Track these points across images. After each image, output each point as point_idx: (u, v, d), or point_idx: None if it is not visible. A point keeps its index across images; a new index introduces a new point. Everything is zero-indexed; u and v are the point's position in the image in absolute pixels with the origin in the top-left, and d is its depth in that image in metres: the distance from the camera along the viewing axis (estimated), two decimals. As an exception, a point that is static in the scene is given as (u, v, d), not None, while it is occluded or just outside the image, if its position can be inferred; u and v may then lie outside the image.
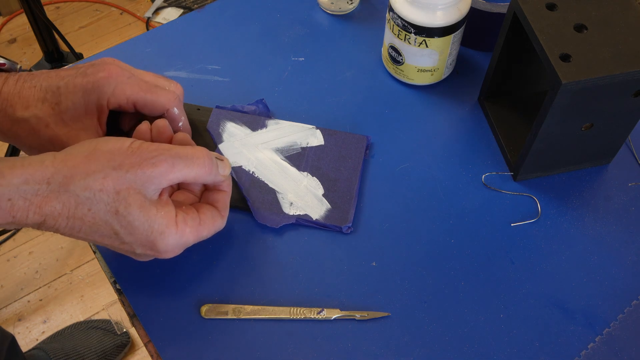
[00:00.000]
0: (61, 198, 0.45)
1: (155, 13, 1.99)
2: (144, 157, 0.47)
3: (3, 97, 0.53)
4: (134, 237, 0.48)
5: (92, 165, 0.46)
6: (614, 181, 0.65)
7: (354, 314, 0.56)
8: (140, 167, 0.47)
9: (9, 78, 0.54)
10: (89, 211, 0.46)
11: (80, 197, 0.46)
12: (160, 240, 0.49)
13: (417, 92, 0.71)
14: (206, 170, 0.50)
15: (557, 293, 0.58)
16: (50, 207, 0.45)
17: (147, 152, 0.48)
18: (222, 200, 0.55)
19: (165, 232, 0.49)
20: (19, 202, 0.44)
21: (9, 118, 0.54)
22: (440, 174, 0.65)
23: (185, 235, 0.50)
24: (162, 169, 0.47)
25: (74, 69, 0.55)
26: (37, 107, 0.54)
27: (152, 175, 0.47)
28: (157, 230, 0.48)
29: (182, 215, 0.50)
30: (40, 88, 0.54)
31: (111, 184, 0.46)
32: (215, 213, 0.53)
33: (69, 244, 1.53)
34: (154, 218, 0.48)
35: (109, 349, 1.32)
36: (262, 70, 0.73)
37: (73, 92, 0.54)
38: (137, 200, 0.47)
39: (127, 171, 0.46)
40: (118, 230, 0.47)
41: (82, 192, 0.45)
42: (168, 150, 0.49)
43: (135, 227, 0.47)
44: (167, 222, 0.49)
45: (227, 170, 0.54)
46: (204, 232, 0.52)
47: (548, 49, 0.54)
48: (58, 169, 0.45)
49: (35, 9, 1.39)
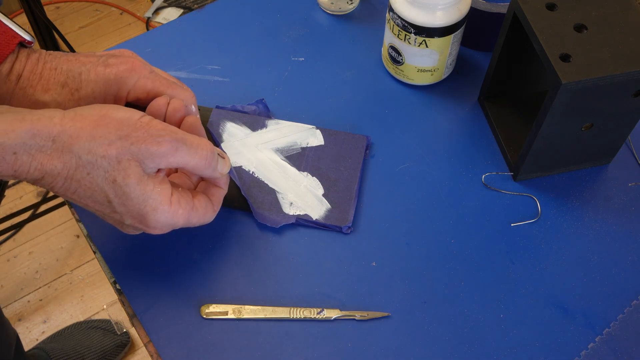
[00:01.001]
0: (63, 157, 0.46)
1: (155, 13, 1.99)
2: (150, 133, 0.47)
3: (25, 77, 0.53)
4: (126, 207, 0.48)
5: (99, 130, 0.46)
6: (614, 181, 0.65)
7: (354, 314, 0.56)
8: (145, 142, 0.47)
9: (31, 55, 0.54)
10: (88, 175, 0.46)
11: (82, 159, 0.46)
12: (152, 215, 0.49)
13: (417, 92, 0.72)
14: (206, 163, 0.51)
15: (557, 293, 0.58)
16: (51, 165, 0.45)
17: (155, 130, 0.48)
18: (217, 195, 0.55)
19: (158, 208, 0.49)
20: (23, 156, 0.44)
21: (29, 99, 0.53)
22: (440, 174, 0.65)
23: (176, 216, 0.50)
24: (165, 149, 0.48)
25: (95, 57, 0.55)
26: (57, 92, 0.53)
27: (154, 153, 0.47)
28: (150, 205, 0.48)
29: (177, 196, 0.51)
30: (61, 71, 0.54)
31: (114, 152, 0.46)
32: (209, 204, 0.54)
33: (69, 244, 1.53)
34: (149, 193, 0.48)
35: (109, 349, 1.32)
36: (262, 70, 0.73)
37: (95, 80, 0.54)
38: (136, 173, 0.47)
39: (132, 143, 0.47)
40: (112, 198, 0.48)
41: (85, 155, 0.46)
42: (175, 132, 0.49)
43: (130, 199, 0.48)
44: (162, 199, 0.49)
45: (225, 168, 0.54)
46: (194, 218, 0.52)
47: (548, 49, 0.54)
48: (65, 128, 0.45)
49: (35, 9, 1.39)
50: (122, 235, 0.61)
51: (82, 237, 1.53)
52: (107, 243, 0.61)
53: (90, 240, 0.61)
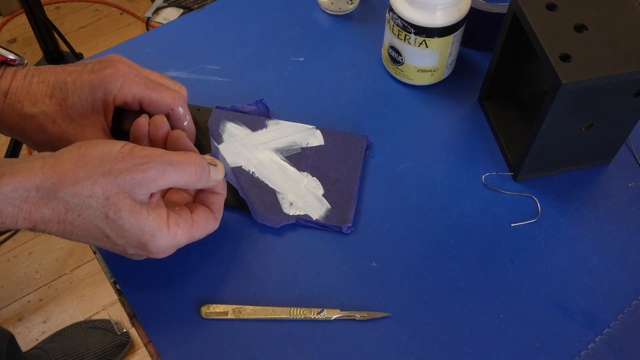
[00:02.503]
0: (50, 204, 0.45)
1: (155, 13, 1.99)
2: (133, 162, 0.47)
3: (12, 93, 0.54)
4: (125, 239, 0.48)
5: (80, 171, 0.46)
6: (614, 181, 0.65)
7: (354, 314, 0.56)
8: (130, 172, 0.47)
9: (17, 73, 0.54)
10: (79, 217, 0.46)
11: (69, 203, 0.46)
12: (152, 242, 0.49)
13: (417, 92, 0.71)
14: (196, 178, 0.50)
15: (557, 293, 0.58)
16: (39, 214, 0.45)
17: (138, 158, 0.47)
18: (216, 203, 0.55)
19: (156, 234, 0.49)
20: (8, 208, 0.44)
21: (17, 113, 0.54)
22: (440, 174, 0.65)
23: (177, 237, 0.50)
24: (152, 175, 0.47)
25: (81, 65, 0.55)
26: (45, 103, 0.54)
27: (141, 181, 0.47)
28: (148, 233, 0.48)
29: (174, 217, 0.50)
30: (48, 83, 0.54)
31: (100, 190, 0.46)
32: (209, 215, 0.54)
33: (69, 243, 1.53)
34: (144, 221, 0.48)
35: (109, 349, 1.32)
36: (262, 70, 0.73)
37: (80, 88, 0.54)
38: (127, 205, 0.47)
39: (117, 177, 0.46)
40: (109, 233, 0.48)
41: (71, 198, 0.46)
42: (159, 156, 0.48)
43: (126, 230, 0.48)
44: (158, 225, 0.49)
45: (220, 175, 0.53)
46: (197, 233, 0.52)
47: (548, 49, 0.54)
48: (47, 175, 0.45)
49: (35, 9, 1.39)
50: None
51: (82, 237, 1.53)
52: (107, 243, 0.61)
53: (90, 240, 0.61)
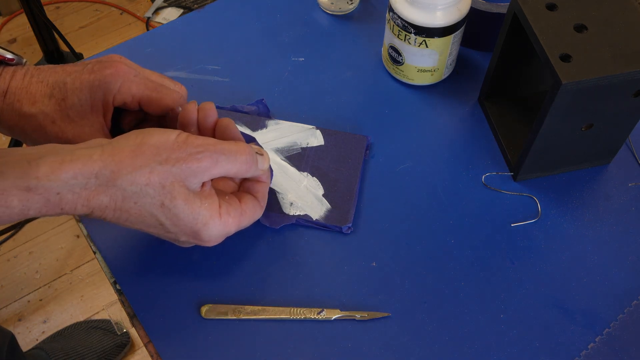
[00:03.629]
0: (108, 192, 0.46)
1: (155, 13, 1.99)
2: (189, 151, 0.48)
3: (11, 92, 0.54)
4: (178, 227, 0.49)
5: (138, 159, 0.47)
6: (614, 181, 0.65)
7: (354, 314, 0.56)
8: (186, 161, 0.48)
9: (16, 72, 0.54)
10: (135, 204, 0.47)
11: (127, 191, 0.47)
12: (204, 230, 0.50)
13: (417, 92, 0.71)
14: (246, 167, 0.51)
15: (557, 293, 0.58)
16: (97, 201, 0.46)
17: (193, 147, 0.48)
18: (261, 191, 0.56)
19: (209, 223, 0.50)
20: (67, 195, 0.45)
21: (16, 113, 0.54)
22: (440, 174, 0.65)
23: (228, 225, 0.51)
24: (206, 164, 0.48)
25: (81, 65, 0.55)
26: (44, 103, 0.54)
27: (196, 170, 0.48)
28: (201, 222, 0.49)
29: (225, 206, 0.51)
30: (47, 83, 0.54)
31: (157, 178, 0.47)
32: (256, 203, 0.55)
33: (69, 243, 1.53)
34: (198, 210, 0.49)
35: (109, 349, 1.32)
36: (262, 70, 0.73)
37: (79, 88, 0.54)
38: (182, 193, 0.48)
39: (173, 165, 0.47)
40: (163, 221, 0.49)
41: (129, 186, 0.47)
42: (212, 145, 0.49)
43: (180, 219, 0.49)
44: (211, 214, 0.50)
45: (266, 164, 0.55)
46: (245, 221, 0.53)
47: (548, 49, 0.54)
48: (106, 163, 0.46)
49: (35, 9, 1.39)
50: (122, 235, 0.61)
51: (82, 237, 1.53)
52: (107, 243, 0.61)
53: (90, 240, 0.61)
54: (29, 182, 0.44)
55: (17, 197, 0.44)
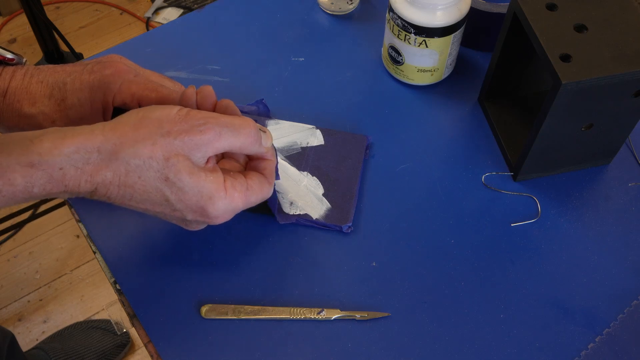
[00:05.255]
0: (112, 166, 0.46)
1: (155, 13, 1.99)
2: (191, 124, 0.48)
3: (11, 92, 0.54)
4: (184, 203, 0.48)
5: (140, 133, 0.47)
6: (614, 181, 0.65)
7: (354, 314, 0.56)
8: (188, 134, 0.47)
9: (16, 72, 0.54)
10: (139, 178, 0.47)
11: (130, 164, 0.46)
12: (210, 204, 0.49)
13: (417, 92, 0.71)
14: (252, 140, 0.51)
15: (557, 293, 0.58)
16: (101, 176, 0.46)
17: (195, 119, 0.48)
18: (268, 168, 0.55)
19: (214, 196, 0.49)
20: (70, 170, 0.45)
21: (16, 113, 0.54)
22: (440, 174, 0.65)
23: (234, 200, 0.50)
24: (210, 137, 0.48)
25: (81, 65, 0.55)
26: (44, 104, 0.54)
27: (199, 142, 0.47)
28: (206, 195, 0.48)
29: (230, 181, 0.51)
30: (47, 84, 0.54)
31: (160, 151, 0.46)
32: (263, 179, 0.54)
33: (69, 243, 1.53)
34: (202, 183, 0.48)
35: (109, 349, 1.32)
36: (262, 70, 0.73)
37: (79, 89, 0.54)
38: (186, 167, 0.47)
39: (175, 138, 0.47)
40: (169, 196, 0.48)
41: (132, 159, 0.46)
42: (215, 118, 0.49)
43: (185, 193, 0.48)
44: (216, 187, 0.49)
45: (269, 141, 0.54)
46: (252, 197, 0.52)
47: (548, 49, 0.54)
48: (107, 137, 0.46)
49: (35, 9, 1.39)
50: (122, 235, 0.61)
51: (82, 237, 1.53)
52: (107, 243, 0.61)
53: (90, 240, 0.61)
54: (31, 157, 0.44)
55: (20, 174, 0.43)
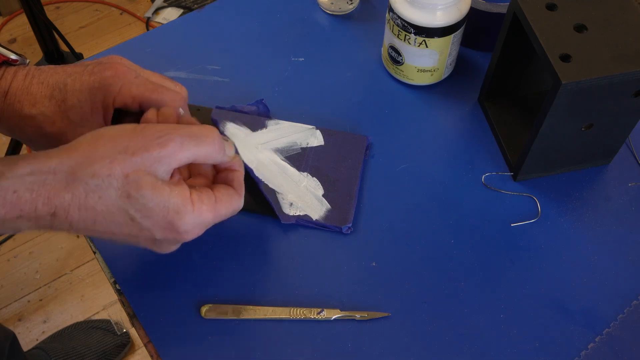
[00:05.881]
0: (69, 188, 0.44)
1: (155, 13, 1.99)
2: (149, 137, 0.46)
3: (12, 93, 0.53)
4: (151, 220, 0.47)
5: (97, 151, 0.45)
6: (614, 181, 0.65)
7: (354, 314, 0.56)
8: (147, 149, 0.45)
9: (18, 73, 0.54)
10: (100, 199, 0.45)
11: (89, 184, 0.44)
12: (178, 219, 0.47)
13: (417, 92, 0.71)
14: (216, 148, 0.49)
15: (557, 293, 0.58)
16: (59, 198, 0.44)
17: (153, 132, 0.46)
18: (236, 179, 0.53)
19: (181, 210, 0.47)
20: (25, 194, 0.43)
21: (17, 114, 0.54)
22: (440, 174, 0.65)
23: (202, 214, 0.48)
24: (171, 149, 0.46)
25: (81, 66, 0.55)
26: (44, 104, 0.54)
27: (160, 155, 0.46)
28: (173, 210, 0.46)
29: (196, 194, 0.49)
30: (48, 85, 0.54)
31: (118, 168, 0.45)
32: (231, 191, 0.52)
33: (69, 243, 1.53)
34: (167, 197, 0.46)
35: (109, 349, 1.32)
36: (262, 70, 0.73)
37: (79, 90, 0.54)
38: (148, 182, 0.45)
39: (134, 154, 0.45)
40: (133, 215, 0.46)
41: (90, 179, 0.44)
42: (175, 129, 0.47)
43: (150, 209, 0.46)
44: (182, 201, 0.47)
45: (231, 150, 0.52)
46: (222, 210, 0.50)
47: (548, 49, 0.54)
48: (63, 159, 0.45)
49: (35, 9, 1.39)
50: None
51: (82, 237, 1.53)
52: (107, 243, 0.61)
53: (90, 240, 0.61)
54: None
55: None
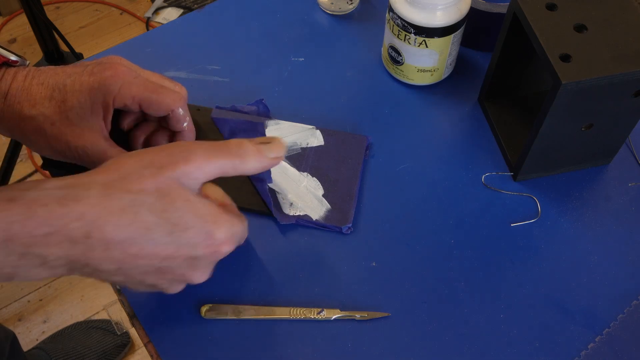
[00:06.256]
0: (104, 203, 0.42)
1: (155, 13, 1.99)
2: (174, 153, 0.46)
3: (12, 94, 0.54)
4: (191, 232, 0.45)
5: (124, 168, 0.44)
6: (614, 181, 0.65)
7: (354, 314, 0.56)
8: (174, 163, 0.45)
9: (18, 74, 0.54)
10: (136, 215, 0.43)
11: (123, 200, 0.43)
12: (216, 228, 0.46)
13: (417, 92, 0.71)
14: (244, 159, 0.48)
15: (557, 293, 0.58)
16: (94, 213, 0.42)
17: (176, 147, 0.46)
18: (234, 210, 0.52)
19: (218, 219, 0.46)
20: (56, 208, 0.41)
21: (17, 115, 0.54)
22: (440, 174, 0.65)
23: (234, 224, 0.48)
24: (197, 163, 0.45)
25: (81, 66, 0.55)
26: (44, 105, 0.54)
27: (187, 170, 0.45)
28: (210, 220, 0.46)
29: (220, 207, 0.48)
30: (47, 85, 0.54)
31: (148, 182, 0.44)
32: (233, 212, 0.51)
33: (69, 244, 1.53)
34: (202, 208, 0.45)
35: (109, 349, 1.32)
36: (262, 70, 0.73)
37: (79, 90, 0.54)
38: (181, 195, 0.44)
39: (161, 168, 0.44)
40: (172, 229, 0.44)
41: (124, 195, 0.43)
42: (197, 143, 0.47)
43: (186, 222, 0.44)
44: (215, 210, 0.46)
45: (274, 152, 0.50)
46: (239, 226, 0.49)
47: (548, 49, 0.54)
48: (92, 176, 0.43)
49: (35, 9, 1.39)
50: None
51: (82, 237, 1.53)
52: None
53: (90, 240, 0.61)
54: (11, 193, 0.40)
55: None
